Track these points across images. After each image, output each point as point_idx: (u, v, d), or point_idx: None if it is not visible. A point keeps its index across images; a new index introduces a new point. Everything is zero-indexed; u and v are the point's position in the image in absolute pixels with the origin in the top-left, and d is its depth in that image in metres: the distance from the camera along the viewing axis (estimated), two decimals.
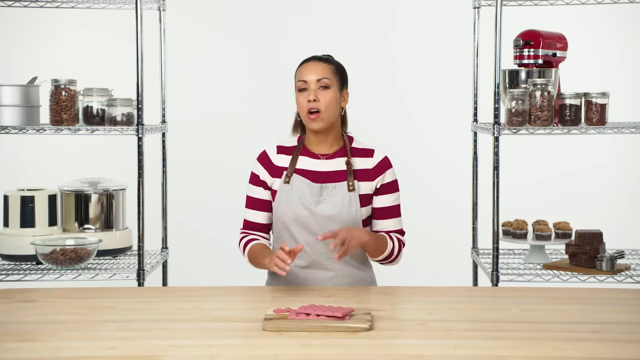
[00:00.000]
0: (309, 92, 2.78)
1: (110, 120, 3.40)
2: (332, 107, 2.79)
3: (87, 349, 2.11)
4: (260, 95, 4.94)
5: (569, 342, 2.15)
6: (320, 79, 2.78)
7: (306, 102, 2.77)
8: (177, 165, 4.45)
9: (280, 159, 2.86)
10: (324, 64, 2.81)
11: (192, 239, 4.88)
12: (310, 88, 2.78)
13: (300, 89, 2.80)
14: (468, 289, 2.95)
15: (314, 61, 2.82)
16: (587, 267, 3.33)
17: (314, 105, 2.77)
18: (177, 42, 4.49)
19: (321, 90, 2.78)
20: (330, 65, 2.82)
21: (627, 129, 3.40)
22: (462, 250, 4.22)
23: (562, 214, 3.87)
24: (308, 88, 2.79)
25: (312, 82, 2.78)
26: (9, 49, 4.88)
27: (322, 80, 2.79)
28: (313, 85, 2.78)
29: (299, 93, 2.80)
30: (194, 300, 2.60)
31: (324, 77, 2.79)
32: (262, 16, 4.96)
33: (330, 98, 2.78)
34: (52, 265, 3.32)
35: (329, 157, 2.85)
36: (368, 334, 2.21)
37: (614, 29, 4.90)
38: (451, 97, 4.92)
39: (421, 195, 4.86)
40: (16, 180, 4.20)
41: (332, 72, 2.81)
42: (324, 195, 2.79)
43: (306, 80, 2.79)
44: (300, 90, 2.80)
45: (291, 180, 2.81)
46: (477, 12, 3.82)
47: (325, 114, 2.78)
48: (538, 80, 3.36)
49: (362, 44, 4.91)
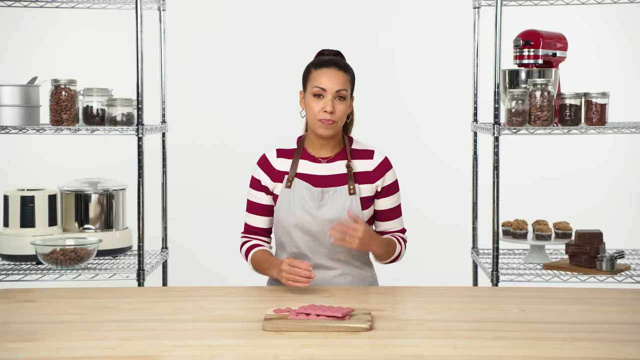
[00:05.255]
0: (326, 101, 2.73)
1: (110, 120, 3.40)
2: (345, 117, 2.79)
3: (87, 349, 2.11)
4: (261, 95, 4.95)
5: (568, 342, 2.15)
6: (339, 90, 2.74)
7: (321, 111, 2.74)
8: (177, 165, 4.45)
9: (280, 163, 2.85)
10: (343, 74, 2.76)
11: (192, 238, 4.88)
12: (327, 98, 2.73)
13: (316, 94, 2.75)
14: (468, 289, 2.95)
15: (335, 69, 2.76)
16: (587, 267, 3.33)
17: (330, 117, 2.73)
18: (177, 42, 4.50)
19: (337, 100, 2.75)
20: (348, 76, 2.78)
21: (627, 129, 3.40)
22: (462, 250, 4.22)
23: (562, 214, 3.87)
24: (325, 96, 2.74)
25: (331, 91, 2.74)
26: (9, 49, 4.88)
27: (341, 91, 2.75)
28: (330, 95, 2.73)
29: (314, 98, 2.75)
30: (194, 300, 2.60)
31: (343, 89, 2.75)
32: (262, 16, 4.96)
33: (345, 109, 2.77)
34: (52, 265, 3.32)
35: (330, 160, 2.84)
36: (368, 334, 2.21)
37: (614, 29, 4.90)
38: (451, 97, 4.92)
39: (421, 195, 4.87)
40: (16, 180, 4.19)
41: (349, 82, 2.78)
42: (325, 199, 2.79)
43: (325, 88, 2.74)
44: (315, 95, 2.75)
45: (292, 184, 2.80)
46: (477, 12, 3.82)
47: (338, 123, 2.77)
48: (538, 80, 3.36)
49: (362, 44, 4.91)
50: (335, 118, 2.74)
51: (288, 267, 2.62)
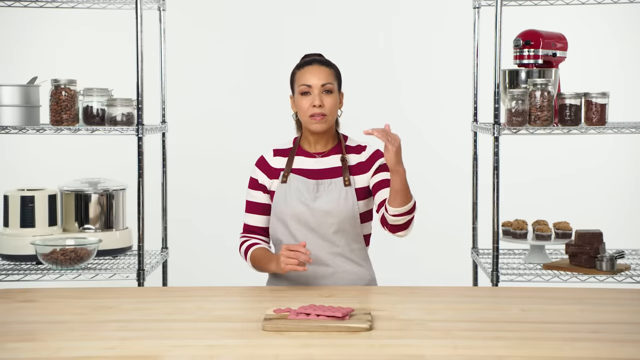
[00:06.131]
0: (314, 96, 2.81)
1: (110, 120, 3.40)
2: (335, 110, 2.86)
3: (87, 349, 2.11)
4: (260, 96, 4.94)
5: (568, 342, 2.15)
6: (324, 84, 2.82)
7: (311, 107, 2.81)
8: (177, 165, 4.45)
9: (277, 161, 2.90)
10: (326, 69, 2.85)
11: (192, 238, 4.88)
12: (314, 93, 2.81)
13: (303, 92, 2.83)
14: (468, 289, 2.95)
15: (317, 65, 2.85)
16: (587, 267, 3.33)
17: (320, 111, 2.81)
18: (177, 42, 4.50)
19: (325, 94, 2.82)
20: (331, 70, 2.86)
21: (627, 129, 3.40)
22: (462, 250, 4.22)
23: (562, 214, 3.87)
24: (312, 92, 2.82)
25: (317, 86, 2.82)
26: (9, 49, 4.88)
27: (327, 85, 2.83)
28: (317, 90, 2.82)
29: (302, 96, 2.83)
30: (194, 300, 2.60)
31: (328, 82, 2.83)
32: (262, 16, 4.96)
33: (333, 102, 2.84)
34: (52, 265, 3.32)
35: (325, 154, 2.89)
36: (368, 334, 2.21)
37: (614, 29, 4.90)
38: (451, 97, 4.92)
39: (421, 195, 4.82)
40: (16, 180, 4.19)
41: (334, 76, 2.86)
42: (320, 191, 2.83)
43: (310, 84, 2.82)
44: (302, 94, 2.83)
45: (288, 179, 2.85)
46: (477, 12, 3.82)
47: (329, 117, 2.83)
48: (538, 80, 3.36)
49: (362, 44, 4.92)
50: (325, 111, 2.81)
51: (286, 251, 2.67)
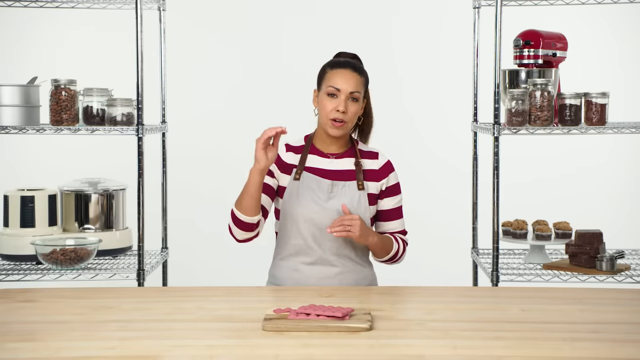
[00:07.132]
0: (339, 101, 2.78)
1: (110, 120, 3.40)
2: (355, 118, 2.84)
3: (87, 349, 2.11)
4: (260, 96, 4.94)
5: (568, 342, 2.15)
6: (353, 92, 2.80)
7: (334, 110, 2.78)
8: (177, 165, 4.45)
9: (289, 156, 2.88)
10: (358, 76, 2.82)
11: (193, 238, 4.88)
12: (341, 98, 2.79)
13: (330, 94, 2.80)
14: (468, 289, 2.95)
15: (350, 70, 2.81)
16: (587, 267, 3.33)
17: (342, 117, 2.79)
18: (177, 42, 4.49)
19: (350, 102, 2.80)
20: (362, 78, 2.83)
21: (627, 129, 3.40)
22: (462, 250, 4.22)
23: (562, 214, 3.87)
24: (338, 96, 2.79)
25: (345, 92, 2.79)
26: (9, 49, 4.88)
27: (355, 93, 2.80)
28: (344, 96, 2.79)
29: (328, 97, 2.80)
30: (194, 300, 2.60)
31: (356, 91, 2.81)
32: (262, 16, 4.96)
33: (356, 110, 2.82)
34: (52, 265, 3.32)
35: (338, 156, 2.89)
36: (368, 334, 2.21)
37: (614, 29, 4.90)
38: (451, 97, 4.92)
39: (421, 195, 4.86)
40: (16, 180, 4.20)
41: (363, 85, 2.84)
42: (334, 191, 2.82)
43: (339, 89, 2.79)
44: (329, 95, 2.80)
45: (301, 177, 2.83)
46: (477, 12, 3.82)
47: (349, 124, 2.82)
48: (538, 80, 3.36)
49: (362, 44, 4.88)
50: (346, 118, 2.80)
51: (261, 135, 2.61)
